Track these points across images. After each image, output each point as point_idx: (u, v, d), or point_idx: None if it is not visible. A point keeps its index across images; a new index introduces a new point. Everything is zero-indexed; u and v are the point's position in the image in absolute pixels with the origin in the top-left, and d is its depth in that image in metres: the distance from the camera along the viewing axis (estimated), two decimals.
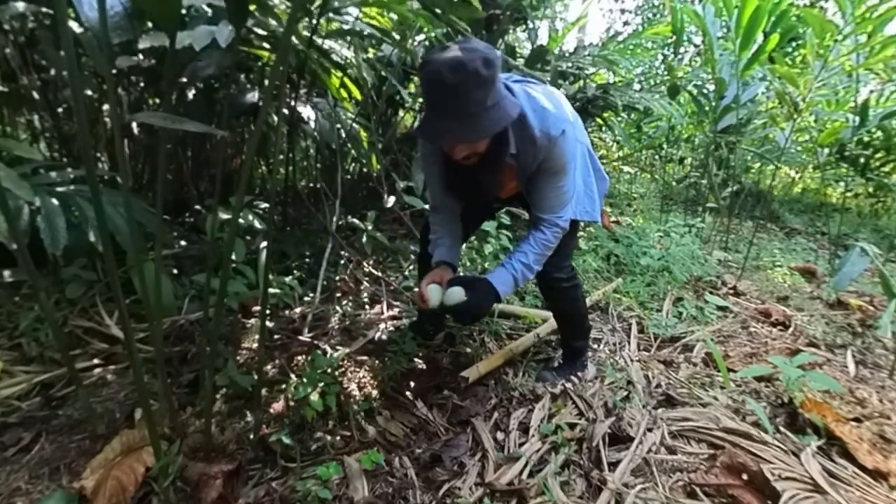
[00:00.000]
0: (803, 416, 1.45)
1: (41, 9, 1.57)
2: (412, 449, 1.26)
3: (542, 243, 1.32)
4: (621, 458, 1.24)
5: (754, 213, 4.71)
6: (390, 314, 1.96)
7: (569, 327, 1.65)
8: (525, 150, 1.21)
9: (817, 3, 5.20)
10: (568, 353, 1.67)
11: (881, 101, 3.50)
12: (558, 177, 1.26)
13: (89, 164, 0.76)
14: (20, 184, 1.31)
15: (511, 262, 1.33)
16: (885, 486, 1.21)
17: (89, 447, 1.14)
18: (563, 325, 1.67)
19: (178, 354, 1.51)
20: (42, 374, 1.33)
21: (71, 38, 0.68)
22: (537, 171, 1.25)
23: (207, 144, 2.43)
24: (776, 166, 3.76)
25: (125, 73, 1.85)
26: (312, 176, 2.97)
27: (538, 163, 1.23)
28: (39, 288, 0.94)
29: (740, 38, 2.56)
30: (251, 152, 1.01)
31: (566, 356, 1.67)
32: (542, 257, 1.34)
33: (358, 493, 1.07)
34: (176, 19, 0.86)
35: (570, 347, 1.66)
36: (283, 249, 2.21)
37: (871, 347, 2.12)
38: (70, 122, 2.02)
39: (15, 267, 1.56)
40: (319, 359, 1.39)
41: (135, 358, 0.89)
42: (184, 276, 1.82)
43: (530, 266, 1.33)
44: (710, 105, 3.18)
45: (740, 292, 2.67)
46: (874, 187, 4.99)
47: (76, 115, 0.74)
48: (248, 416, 1.29)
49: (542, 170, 1.25)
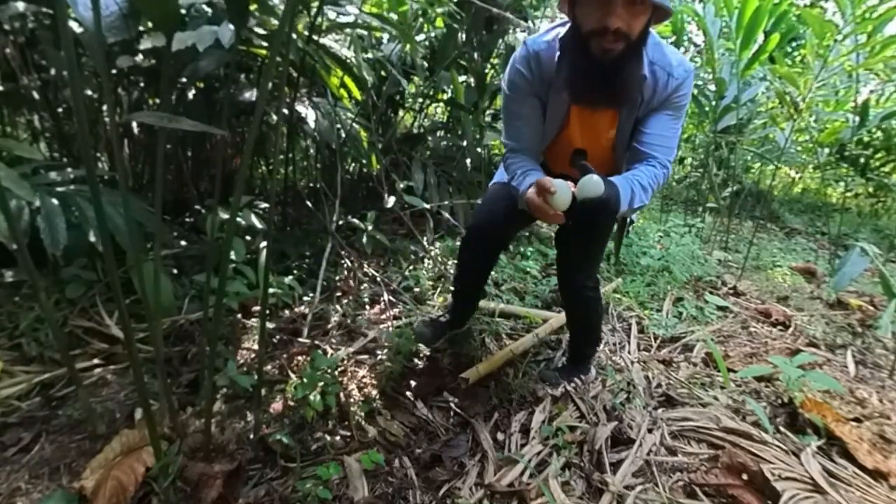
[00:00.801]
0: (803, 416, 1.45)
1: (41, 9, 1.57)
2: (412, 449, 1.26)
3: (653, 176, 1.19)
4: (622, 459, 1.24)
5: (754, 213, 4.71)
6: (390, 314, 1.96)
7: (584, 334, 1.62)
8: (656, 77, 1.14)
9: (817, 3, 5.20)
10: (575, 357, 1.65)
11: (881, 102, 3.50)
12: (678, 116, 1.22)
13: (89, 164, 0.76)
14: (20, 184, 1.31)
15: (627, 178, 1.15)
16: (885, 486, 1.21)
17: (89, 447, 1.14)
18: (578, 331, 1.63)
19: (178, 354, 1.51)
20: (42, 374, 1.33)
21: (71, 38, 0.68)
22: (659, 108, 1.19)
23: (207, 144, 2.43)
24: (776, 166, 3.76)
25: (125, 73, 1.85)
26: (312, 176, 2.96)
27: (666, 95, 1.17)
28: (39, 288, 0.94)
29: (741, 37, 2.56)
30: (249, 152, 1.02)
31: (573, 359, 1.66)
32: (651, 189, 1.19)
33: (358, 493, 1.07)
34: (174, 19, 0.86)
35: (579, 352, 1.65)
36: (283, 249, 2.20)
37: (871, 347, 2.12)
38: (70, 122, 2.02)
39: (15, 267, 1.56)
40: (319, 359, 1.39)
41: (135, 358, 0.89)
42: (184, 276, 1.82)
43: (646, 189, 1.16)
44: (710, 105, 3.18)
45: (740, 292, 2.67)
46: (874, 187, 4.99)
47: (76, 115, 0.74)
48: (248, 416, 1.29)
49: (667, 104, 1.19)
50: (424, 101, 3.19)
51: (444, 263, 2.40)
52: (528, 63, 1.20)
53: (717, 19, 2.81)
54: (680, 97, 1.18)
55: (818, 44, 2.56)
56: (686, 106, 1.23)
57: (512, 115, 1.30)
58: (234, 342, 1.61)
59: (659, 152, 1.21)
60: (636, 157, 1.24)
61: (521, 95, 1.25)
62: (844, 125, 3.13)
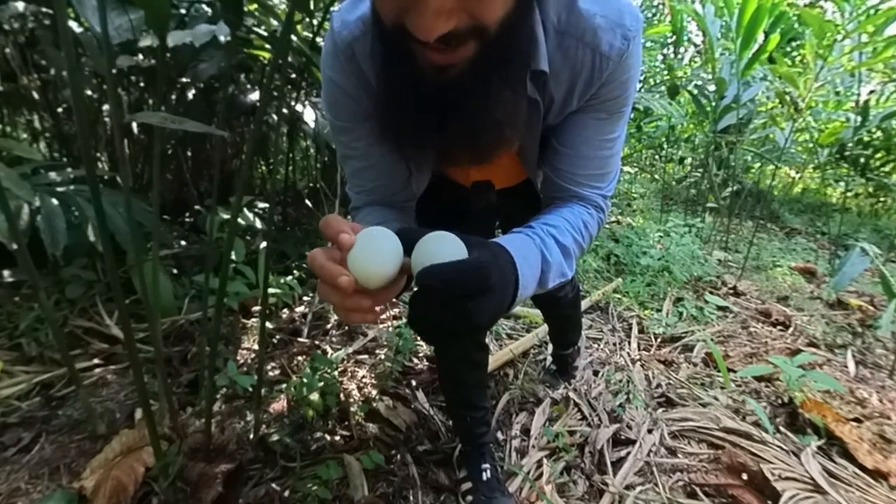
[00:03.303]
0: (803, 416, 1.45)
1: (41, 9, 1.57)
2: (413, 445, 1.26)
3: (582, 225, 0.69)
4: (622, 459, 1.24)
5: (754, 213, 4.71)
6: (390, 314, 1.96)
7: (571, 328, 1.54)
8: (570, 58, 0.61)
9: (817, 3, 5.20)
10: (566, 353, 1.60)
11: (881, 102, 3.50)
12: (613, 120, 0.68)
13: (89, 164, 0.76)
14: (20, 184, 1.31)
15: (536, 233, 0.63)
16: (885, 486, 1.21)
17: (89, 447, 1.14)
18: (564, 328, 1.53)
19: (178, 354, 1.51)
20: (42, 374, 1.33)
21: (71, 38, 0.68)
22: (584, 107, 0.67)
23: (208, 144, 2.43)
24: (776, 166, 3.76)
25: (125, 73, 1.85)
26: (312, 176, 2.97)
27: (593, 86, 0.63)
28: (39, 288, 0.94)
29: (741, 37, 2.56)
30: (251, 152, 1.02)
31: (565, 357, 1.61)
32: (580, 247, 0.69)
33: (358, 493, 1.07)
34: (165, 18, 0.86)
35: (568, 343, 1.58)
36: (283, 249, 2.20)
37: (871, 347, 2.12)
38: (70, 122, 2.02)
39: (15, 267, 1.56)
40: (319, 359, 1.39)
41: (135, 358, 0.89)
42: (184, 276, 1.82)
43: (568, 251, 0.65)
44: (710, 105, 3.18)
45: (740, 292, 2.67)
46: (874, 187, 4.98)
47: (76, 115, 0.74)
48: (248, 416, 1.29)
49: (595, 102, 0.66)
50: None
51: None
52: (340, 64, 0.66)
53: (717, 19, 2.80)
54: (619, 85, 0.64)
55: (818, 44, 2.56)
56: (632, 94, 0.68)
57: (344, 150, 0.74)
58: (234, 342, 1.61)
59: (588, 186, 0.71)
60: (554, 190, 0.73)
61: (345, 121, 0.70)
62: (844, 125, 3.13)
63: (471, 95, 0.53)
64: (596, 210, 0.72)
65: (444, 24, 0.44)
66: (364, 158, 0.73)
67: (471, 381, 1.14)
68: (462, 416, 1.16)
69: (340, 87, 0.67)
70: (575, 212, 0.70)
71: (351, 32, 0.63)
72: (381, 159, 0.72)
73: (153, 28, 0.92)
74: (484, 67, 0.51)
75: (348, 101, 0.68)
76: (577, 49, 0.60)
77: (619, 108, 0.67)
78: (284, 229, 2.41)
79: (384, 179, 0.75)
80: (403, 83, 0.54)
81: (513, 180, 0.88)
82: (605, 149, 0.70)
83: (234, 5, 0.97)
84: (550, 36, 0.59)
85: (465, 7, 0.45)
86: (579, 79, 0.62)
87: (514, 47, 0.53)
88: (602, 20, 0.59)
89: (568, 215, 0.68)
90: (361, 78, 0.65)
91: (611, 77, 0.62)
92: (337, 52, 0.65)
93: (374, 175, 0.74)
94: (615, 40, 0.59)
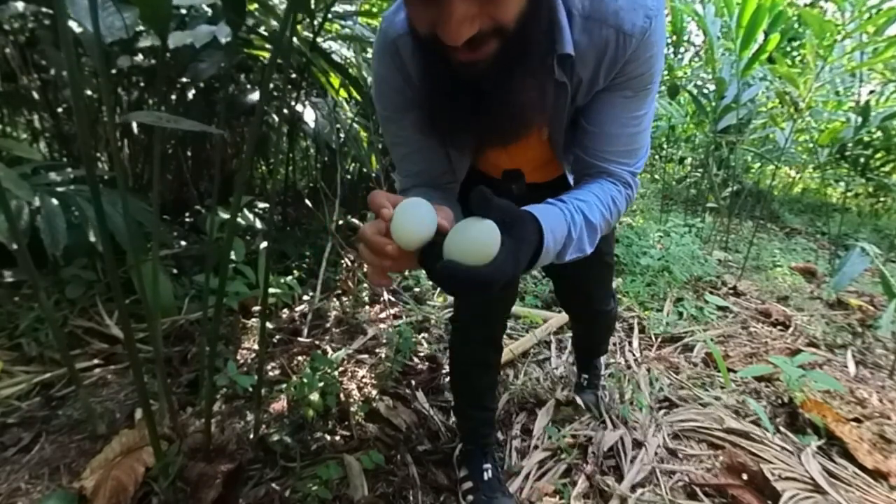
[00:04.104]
0: (803, 416, 1.45)
1: (41, 9, 1.57)
2: (413, 445, 1.26)
3: (610, 201, 0.72)
4: (624, 460, 1.24)
5: (754, 213, 4.71)
6: (390, 313, 1.96)
7: (604, 341, 1.52)
8: (595, 39, 0.65)
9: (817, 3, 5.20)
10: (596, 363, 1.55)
11: (881, 102, 3.50)
12: (643, 94, 0.71)
13: (89, 164, 0.76)
14: (20, 184, 1.31)
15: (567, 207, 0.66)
16: (885, 486, 1.21)
17: (89, 447, 1.14)
18: (598, 342, 1.48)
19: (178, 354, 1.51)
20: (42, 374, 1.33)
21: (71, 38, 0.68)
22: (610, 86, 0.70)
23: (207, 144, 2.43)
24: (776, 166, 3.76)
25: (125, 73, 1.85)
26: (312, 176, 2.97)
27: (619, 64, 0.67)
28: (39, 288, 0.94)
29: (741, 37, 2.56)
30: (251, 152, 1.02)
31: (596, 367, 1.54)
32: (608, 222, 0.71)
33: (358, 493, 1.07)
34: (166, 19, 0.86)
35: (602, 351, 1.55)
36: (283, 249, 2.21)
37: (871, 347, 2.12)
38: (70, 122, 2.02)
39: (15, 267, 1.56)
40: (319, 359, 1.39)
41: (135, 358, 0.89)
42: (184, 276, 1.82)
43: (594, 227, 0.68)
44: (710, 105, 3.18)
45: (740, 292, 2.67)
46: (874, 187, 4.99)
47: (76, 115, 0.74)
48: (248, 416, 1.29)
49: (622, 79, 0.69)
50: None
51: None
52: (386, 60, 0.73)
53: (717, 19, 2.80)
54: (643, 63, 0.67)
55: (818, 44, 2.56)
56: (658, 72, 0.70)
57: (391, 138, 0.82)
58: (234, 342, 1.62)
59: (616, 163, 0.74)
60: (583, 168, 0.77)
61: (393, 111, 0.78)
62: (844, 125, 3.13)
63: (497, 85, 0.60)
64: (625, 186, 0.75)
65: (468, 30, 0.51)
66: (409, 145, 0.80)
67: (483, 382, 1.16)
68: (470, 416, 1.17)
69: (387, 80, 0.74)
70: (605, 188, 0.73)
71: (396, 31, 0.70)
72: (423, 145, 0.79)
73: (154, 28, 0.92)
74: (506, 60, 0.57)
75: (394, 93, 0.75)
76: (602, 30, 0.64)
77: (645, 85, 0.70)
78: (284, 229, 2.41)
79: (427, 164, 0.81)
80: (441, 78, 0.62)
81: (542, 170, 0.91)
82: (632, 126, 0.73)
83: (237, 5, 0.97)
84: (576, 21, 0.65)
85: (485, 12, 0.51)
86: (605, 58, 0.66)
87: (532, 39, 0.59)
88: (624, 2, 0.63)
89: (598, 191, 0.71)
90: (405, 72, 0.72)
91: (635, 55, 0.66)
92: (384, 49, 0.72)
93: (418, 159, 0.81)
94: (637, 19, 0.63)
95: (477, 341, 1.10)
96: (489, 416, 1.18)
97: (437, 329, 1.85)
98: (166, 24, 0.88)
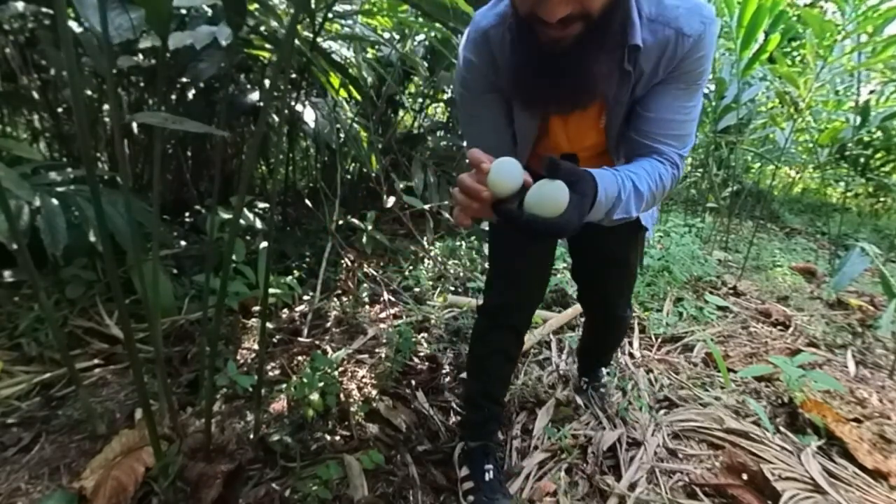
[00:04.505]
0: (803, 416, 1.45)
1: (41, 9, 1.57)
2: (413, 446, 1.26)
3: (658, 176, 0.84)
4: (625, 460, 1.24)
5: (754, 213, 4.71)
6: (390, 313, 1.96)
7: (612, 348, 1.59)
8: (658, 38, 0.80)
9: (817, 3, 5.20)
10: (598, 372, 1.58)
11: (881, 102, 3.50)
12: (694, 89, 0.85)
13: (89, 164, 0.76)
14: (20, 184, 1.31)
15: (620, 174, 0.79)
16: (885, 486, 1.21)
17: (89, 447, 1.14)
18: (606, 348, 1.53)
19: (178, 354, 1.51)
20: (42, 374, 1.33)
21: (71, 38, 0.68)
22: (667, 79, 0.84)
23: (207, 144, 2.43)
24: (776, 166, 3.76)
25: (125, 73, 1.85)
26: (312, 176, 2.97)
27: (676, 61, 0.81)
28: (39, 288, 0.94)
29: (741, 37, 2.55)
30: (252, 152, 1.02)
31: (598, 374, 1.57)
32: (653, 194, 0.84)
33: (358, 493, 1.07)
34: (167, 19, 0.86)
35: (609, 361, 1.61)
36: (283, 249, 2.21)
37: (871, 347, 2.12)
38: (70, 122, 2.02)
39: (15, 267, 1.56)
40: (319, 359, 1.39)
41: (135, 358, 0.89)
42: (184, 276, 1.82)
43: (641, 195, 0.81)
44: (710, 105, 3.18)
45: (740, 292, 2.67)
46: (874, 187, 4.99)
47: (76, 115, 0.74)
48: (248, 416, 1.29)
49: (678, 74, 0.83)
50: (424, 101, 3.19)
51: (444, 263, 2.40)
52: (476, 47, 0.88)
53: (718, 19, 2.80)
54: (696, 61, 0.81)
55: (818, 44, 2.56)
56: (707, 71, 0.85)
57: (467, 118, 1.00)
58: (234, 342, 1.62)
59: (666, 144, 0.87)
60: (637, 148, 0.90)
61: (474, 91, 0.93)
62: (844, 125, 3.13)
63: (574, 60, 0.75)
64: (672, 166, 0.87)
65: (563, 9, 0.66)
66: (482, 124, 0.97)
67: (501, 372, 1.21)
68: (481, 407, 1.20)
69: (474, 63, 0.89)
70: (654, 165, 0.85)
71: (489, 22, 0.86)
72: (495, 126, 0.96)
73: (154, 28, 0.92)
74: (586, 41, 0.73)
75: (480, 76, 0.90)
76: (664, 31, 0.79)
77: (696, 80, 0.85)
78: (284, 229, 2.41)
79: (495, 142, 0.96)
80: (528, 52, 0.77)
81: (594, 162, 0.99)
82: (682, 114, 0.87)
83: (237, 5, 0.97)
84: (644, 22, 0.80)
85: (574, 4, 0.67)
86: (664, 54, 0.81)
87: (610, 28, 0.74)
88: (684, 10, 0.79)
89: (647, 167, 0.84)
90: (492, 57, 0.87)
91: (689, 53, 0.80)
92: (476, 37, 0.88)
93: (488, 137, 0.97)
94: (694, 23, 0.78)
95: (504, 328, 1.15)
96: (499, 411, 1.23)
97: (438, 329, 1.85)
98: (167, 24, 0.88)
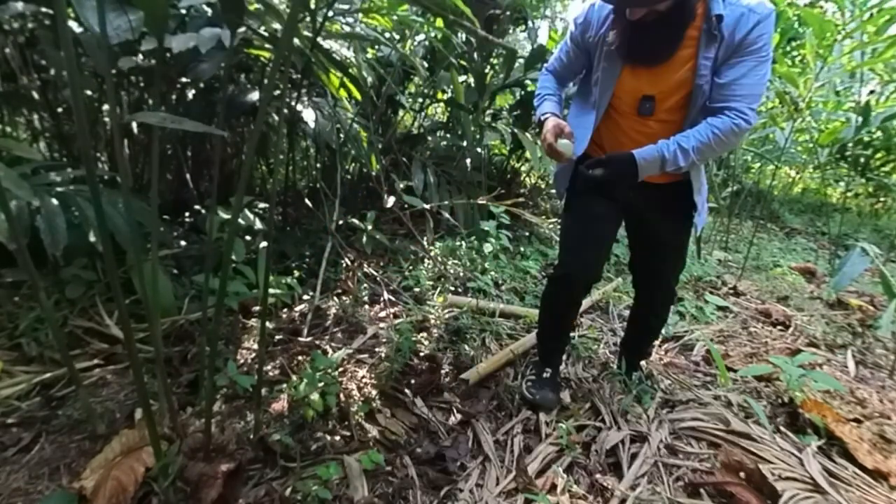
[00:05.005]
0: (803, 416, 1.45)
1: (41, 9, 1.57)
2: (413, 448, 1.26)
3: (714, 132, 1.09)
4: (625, 459, 1.24)
5: (754, 213, 4.71)
6: (390, 313, 1.96)
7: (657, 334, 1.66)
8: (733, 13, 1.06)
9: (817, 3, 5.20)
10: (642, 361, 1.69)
11: (881, 102, 3.50)
12: (761, 60, 1.08)
13: (89, 164, 0.76)
14: (20, 184, 1.31)
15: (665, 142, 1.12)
16: (885, 486, 1.21)
17: (89, 447, 1.14)
18: (653, 334, 1.64)
19: (178, 354, 1.51)
20: (42, 374, 1.33)
21: (71, 38, 0.68)
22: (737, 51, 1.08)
23: (207, 144, 2.43)
24: (776, 166, 3.76)
25: (125, 74, 1.85)
26: (312, 176, 2.97)
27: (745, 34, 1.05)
28: (39, 288, 0.94)
29: None
30: (251, 152, 1.02)
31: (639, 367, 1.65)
32: (705, 148, 1.10)
33: (358, 493, 1.07)
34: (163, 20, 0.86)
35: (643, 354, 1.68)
36: (283, 249, 2.20)
37: (871, 347, 2.12)
38: (70, 122, 2.02)
39: (15, 267, 1.56)
40: (319, 359, 1.39)
41: (135, 358, 0.89)
42: (184, 276, 1.82)
43: (687, 151, 1.10)
44: None
45: (740, 292, 2.67)
46: (874, 187, 4.99)
47: (76, 115, 0.74)
48: (248, 416, 1.29)
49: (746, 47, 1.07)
50: (424, 101, 3.19)
51: (444, 263, 2.40)
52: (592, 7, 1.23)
53: None
54: (762, 37, 1.06)
55: (818, 44, 2.56)
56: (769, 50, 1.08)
57: (563, 45, 1.37)
58: (234, 342, 1.61)
59: (735, 100, 1.08)
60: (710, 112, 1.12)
61: (574, 38, 1.30)
62: (844, 125, 3.13)
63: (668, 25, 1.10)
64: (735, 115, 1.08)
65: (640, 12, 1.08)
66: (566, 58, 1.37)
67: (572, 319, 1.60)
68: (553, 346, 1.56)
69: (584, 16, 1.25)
70: (708, 123, 1.10)
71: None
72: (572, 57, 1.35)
73: (151, 30, 0.92)
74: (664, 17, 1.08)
75: (586, 21, 1.25)
76: (737, 8, 1.06)
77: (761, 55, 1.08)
78: (284, 229, 2.41)
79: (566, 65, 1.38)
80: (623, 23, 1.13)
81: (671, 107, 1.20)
82: (751, 78, 1.09)
83: (236, 5, 0.97)
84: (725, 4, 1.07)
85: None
86: (738, 26, 1.06)
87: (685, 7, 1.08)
88: None
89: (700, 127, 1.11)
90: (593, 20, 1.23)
91: (756, 29, 1.05)
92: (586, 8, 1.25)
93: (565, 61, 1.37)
94: (760, 6, 1.06)
95: (578, 286, 1.42)
96: (567, 342, 1.62)
97: (437, 329, 1.85)
98: (163, 25, 0.88)
